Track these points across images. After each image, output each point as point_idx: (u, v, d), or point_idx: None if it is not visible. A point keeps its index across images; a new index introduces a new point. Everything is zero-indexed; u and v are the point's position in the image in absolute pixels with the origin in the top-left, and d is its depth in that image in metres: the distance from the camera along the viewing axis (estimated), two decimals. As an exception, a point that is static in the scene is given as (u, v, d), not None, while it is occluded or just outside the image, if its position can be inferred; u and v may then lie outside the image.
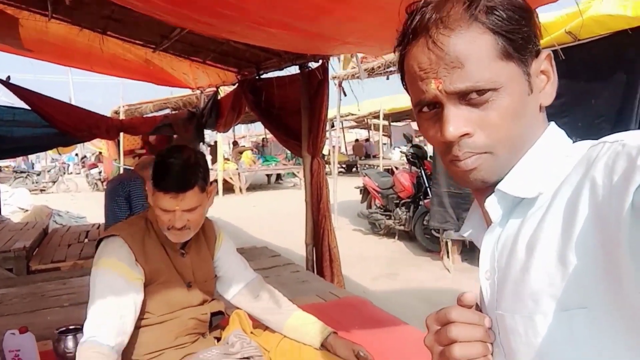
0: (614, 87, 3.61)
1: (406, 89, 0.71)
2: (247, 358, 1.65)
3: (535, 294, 0.60)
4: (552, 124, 0.70)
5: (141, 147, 10.66)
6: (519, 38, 0.64)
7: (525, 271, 0.62)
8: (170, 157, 1.57)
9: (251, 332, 1.84)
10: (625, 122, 3.50)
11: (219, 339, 1.85)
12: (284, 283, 3.29)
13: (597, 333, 0.56)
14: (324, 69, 3.81)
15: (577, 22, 3.56)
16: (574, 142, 0.69)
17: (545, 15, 3.66)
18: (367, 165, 14.57)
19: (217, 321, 1.88)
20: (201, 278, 1.77)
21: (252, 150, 17.35)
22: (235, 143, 18.15)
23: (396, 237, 7.15)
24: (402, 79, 0.72)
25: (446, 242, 5.65)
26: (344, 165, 18.33)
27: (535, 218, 0.64)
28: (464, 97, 0.63)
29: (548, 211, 0.62)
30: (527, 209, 0.66)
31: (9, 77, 5.53)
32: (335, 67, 6.21)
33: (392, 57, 5.88)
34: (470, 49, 0.63)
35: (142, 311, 1.62)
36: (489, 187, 0.69)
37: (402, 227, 6.81)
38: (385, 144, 18.76)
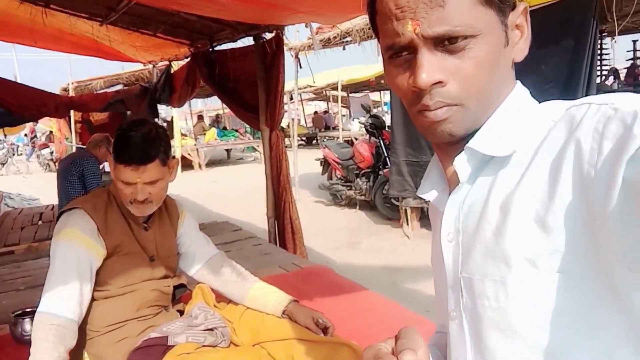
0: (562, 53, 3.72)
1: (375, 31, 0.66)
2: (210, 329, 1.66)
3: (510, 258, 0.58)
4: (518, 82, 0.67)
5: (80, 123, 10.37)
6: None
7: (498, 234, 0.60)
8: (131, 130, 1.57)
9: (214, 306, 1.85)
10: (574, 86, 3.62)
11: (182, 313, 1.85)
12: (246, 256, 3.30)
13: (572, 301, 0.55)
14: (278, 39, 3.76)
15: (526, -11, 3.62)
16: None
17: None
18: (326, 137, 14.56)
19: (180, 294, 1.88)
20: (164, 253, 1.77)
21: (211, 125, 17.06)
22: (200, 117, 17.76)
23: (357, 207, 7.24)
24: (372, 20, 0.66)
25: (405, 210, 5.77)
26: (303, 138, 18.29)
27: (510, 178, 0.61)
28: (440, 42, 0.59)
29: (526, 173, 0.59)
30: (498, 168, 0.63)
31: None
32: (292, 37, 6.16)
33: (347, 26, 5.85)
34: None
35: (103, 282, 1.62)
36: (453, 145, 0.66)
37: (362, 197, 6.90)
38: (344, 115, 18.79)
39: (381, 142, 6.60)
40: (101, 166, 4.73)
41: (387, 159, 6.28)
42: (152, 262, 1.72)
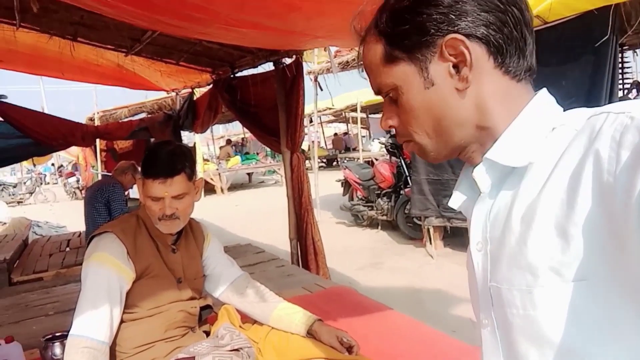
0: (583, 68, 3.70)
1: None
2: (236, 350, 1.68)
3: (534, 267, 0.59)
4: (543, 91, 0.69)
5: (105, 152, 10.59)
6: (401, 37, 0.67)
7: (522, 243, 0.61)
8: (158, 147, 1.67)
9: (240, 326, 1.87)
10: (595, 101, 3.59)
11: (208, 334, 1.87)
12: (270, 278, 3.32)
13: (597, 305, 0.55)
14: (297, 64, 3.84)
15: (544, 5, 3.63)
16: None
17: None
18: (347, 159, 14.62)
19: (206, 315, 1.91)
20: (191, 275, 1.81)
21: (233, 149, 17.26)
22: (228, 141, 18.01)
23: (379, 227, 7.22)
24: None
25: (428, 229, 5.73)
26: (324, 160, 18.37)
27: (532, 189, 0.62)
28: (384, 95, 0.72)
29: (547, 182, 0.60)
30: (520, 178, 0.65)
31: (-17, 91, 5.44)
32: (310, 61, 6.24)
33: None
34: (369, 58, 0.71)
35: (132, 305, 1.65)
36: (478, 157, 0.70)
37: (384, 217, 6.88)
38: (364, 136, 18.84)
39: (402, 161, 6.60)
40: (126, 193, 4.83)
41: (408, 178, 6.27)
42: (180, 284, 1.75)
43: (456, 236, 5.98)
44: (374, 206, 7.10)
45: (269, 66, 4.31)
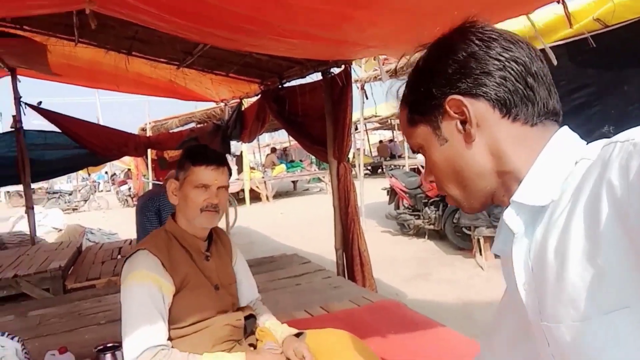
0: (647, 73, 3.52)
1: None
2: None
3: (575, 301, 0.60)
4: (562, 129, 0.72)
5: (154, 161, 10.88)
6: (418, 102, 0.77)
7: (560, 280, 0.62)
8: (202, 145, 1.76)
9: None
10: (659, 108, 3.40)
11: (254, 346, 1.87)
12: (316, 290, 3.30)
13: None
14: (346, 74, 3.83)
15: (605, 8, 3.48)
16: (608, 130, 0.71)
17: (572, 4, 3.60)
18: (392, 166, 14.48)
19: (251, 326, 1.90)
20: (226, 281, 1.82)
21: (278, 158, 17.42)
22: (273, 149, 18.23)
23: (426, 236, 7.09)
24: None
25: (478, 239, 5.59)
26: (369, 167, 18.27)
27: (560, 224, 0.64)
28: None
29: (571, 216, 0.62)
30: (550, 215, 0.67)
31: (40, 102, 5.71)
32: (357, 69, 6.22)
33: (415, 56, 5.85)
34: (400, 122, 0.83)
35: (176, 319, 1.66)
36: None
37: (431, 227, 6.76)
38: (409, 144, 18.60)
39: (450, 170, 6.46)
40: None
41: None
42: (218, 291, 1.76)
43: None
44: (420, 215, 6.99)
45: (316, 76, 4.32)
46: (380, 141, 21.32)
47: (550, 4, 2.10)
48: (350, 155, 4.38)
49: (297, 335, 1.82)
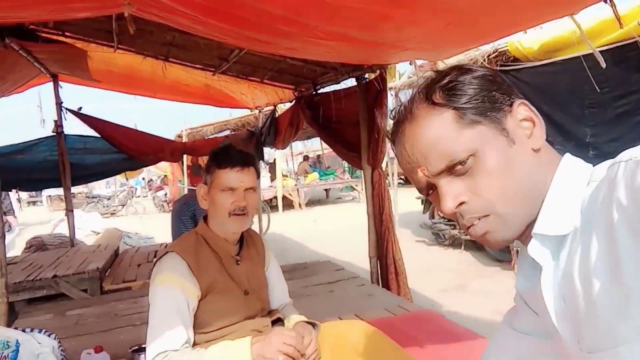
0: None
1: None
2: None
3: (610, 326, 0.59)
4: (567, 155, 0.71)
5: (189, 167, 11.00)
6: (480, 103, 0.69)
7: (591, 306, 0.61)
8: (227, 146, 1.74)
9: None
10: None
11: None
12: (350, 297, 3.24)
13: None
14: (382, 78, 3.77)
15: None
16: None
17: (618, 8, 3.47)
18: (426, 176, 14.30)
19: None
20: (256, 286, 1.78)
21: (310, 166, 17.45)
22: (306, 157, 18.28)
23: (462, 247, 6.94)
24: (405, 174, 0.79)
25: (517, 251, 5.41)
26: (402, 177, 18.07)
27: (580, 250, 0.63)
28: (450, 171, 0.69)
29: (590, 240, 0.61)
30: (571, 242, 0.65)
31: (80, 108, 5.87)
32: (392, 77, 6.16)
33: (450, 61, 5.76)
34: (436, 131, 0.69)
35: (203, 324, 1.63)
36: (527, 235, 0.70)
37: (468, 237, 6.58)
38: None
39: (487, 179, 6.32)
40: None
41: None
42: (247, 297, 1.72)
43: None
44: (456, 225, 6.83)
45: (351, 82, 4.29)
46: (414, 150, 21.11)
47: (596, 3, 2.00)
48: (384, 165, 4.31)
49: (312, 325, 1.76)
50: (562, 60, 3.96)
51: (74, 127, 6.27)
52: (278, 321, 1.85)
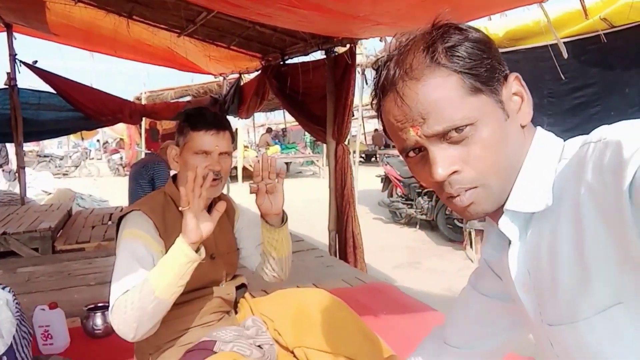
0: (649, 76, 3.50)
1: (389, 138, 0.74)
2: (258, 346, 1.62)
3: (571, 302, 0.61)
4: (538, 129, 0.71)
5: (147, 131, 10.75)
6: (483, 71, 0.67)
7: (555, 282, 0.63)
8: (201, 108, 1.66)
9: (261, 314, 1.80)
10: (661, 111, 3.39)
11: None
12: (309, 268, 3.28)
13: (638, 323, 0.57)
14: (351, 53, 3.76)
15: (613, 8, 3.45)
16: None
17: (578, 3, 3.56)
18: (387, 155, 14.48)
19: (242, 295, 1.85)
20: (224, 249, 1.75)
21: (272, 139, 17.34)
22: (269, 130, 18.08)
23: (417, 226, 7.09)
24: (384, 129, 0.75)
25: (469, 232, 5.59)
26: (363, 155, 18.22)
27: (549, 228, 0.64)
28: (444, 136, 0.66)
29: (558, 219, 0.62)
30: (541, 220, 0.67)
31: (35, 62, 5.60)
32: (360, 53, 6.15)
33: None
34: (439, 93, 0.66)
35: None
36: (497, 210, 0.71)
37: (423, 217, 6.75)
38: (405, 133, 18.58)
39: (446, 161, 6.45)
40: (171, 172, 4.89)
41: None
42: (213, 261, 1.68)
43: (498, 241, 5.80)
44: (413, 204, 6.98)
45: (319, 54, 4.26)
46: (376, 129, 21.25)
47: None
48: (346, 142, 4.33)
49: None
50: (525, 49, 4.06)
51: (27, 81, 5.99)
52: (242, 287, 1.85)
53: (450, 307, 1.03)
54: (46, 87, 5.68)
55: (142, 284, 1.37)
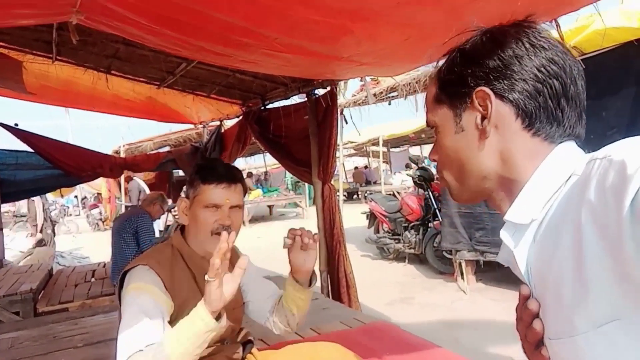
0: (624, 98, 3.62)
1: None
2: None
3: (570, 317, 0.61)
4: (561, 145, 0.71)
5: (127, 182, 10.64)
6: (449, 85, 0.76)
7: (556, 296, 0.64)
8: (213, 160, 1.64)
9: None
10: (638, 131, 3.49)
11: None
12: (305, 312, 3.21)
13: (635, 341, 0.57)
14: (332, 94, 3.81)
15: (581, 37, 3.59)
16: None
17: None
18: (368, 192, 14.55)
19: (248, 351, 1.80)
20: (230, 305, 1.69)
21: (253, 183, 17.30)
22: (249, 174, 18.04)
23: (406, 260, 7.07)
24: None
25: (460, 263, 5.58)
26: (345, 193, 18.29)
27: (552, 242, 0.65)
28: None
29: (560, 234, 0.63)
30: (545, 234, 0.68)
31: (16, 124, 5.54)
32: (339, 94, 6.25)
33: (392, 82, 5.92)
34: (427, 94, 0.82)
35: None
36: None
37: (412, 250, 6.74)
38: (384, 170, 18.79)
39: (430, 194, 6.50)
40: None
41: (437, 211, 6.16)
42: (219, 319, 1.64)
43: (489, 271, 5.80)
44: (400, 239, 6.98)
45: (299, 99, 4.31)
46: (356, 167, 21.43)
47: (544, 23, 2.12)
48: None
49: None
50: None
51: (4, 141, 5.92)
52: (248, 343, 1.79)
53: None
54: (23, 146, 5.61)
55: (156, 348, 1.30)
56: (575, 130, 0.72)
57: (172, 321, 1.50)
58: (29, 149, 5.59)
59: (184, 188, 1.63)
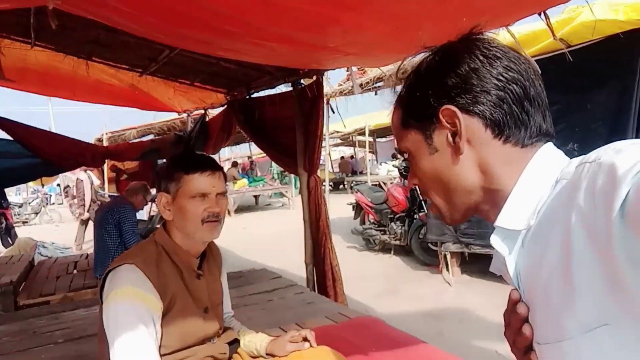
0: (609, 91, 3.62)
1: None
2: None
3: (558, 322, 0.61)
4: (544, 147, 0.72)
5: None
6: (412, 107, 0.76)
7: (544, 299, 0.64)
8: (190, 152, 1.63)
9: None
10: (623, 124, 3.50)
11: None
12: (290, 306, 3.18)
13: (623, 347, 0.57)
14: (318, 84, 3.76)
15: (568, 28, 3.56)
16: (572, 148, 0.69)
17: (535, 25, 3.68)
18: (355, 182, 14.55)
19: (234, 351, 1.77)
20: (215, 301, 1.68)
21: (238, 172, 17.19)
22: (234, 164, 17.92)
23: (392, 252, 7.07)
24: None
25: (445, 255, 5.59)
26: (331, 183, 18.28)
27: (541, 247, 0.65)
28: None
29: (549, 239, 0.63)
30: (532, 239, 0.68)
31: (-7, 111, 5.40)
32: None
33: (378, 72, 5.87)
34: (393, 121, 0.81)
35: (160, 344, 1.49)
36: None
37: (397, 242, 6.74)
38: (370, 160, 18.80)
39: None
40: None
41: (423, 202, 6.15)
42: (206, 315, 1.59)
43: (474, 263, 5.82)
44: (386, 230, 6.97)
45: (285, 87, 4.24)
46: (342, 157, 21.42)
47: (531, 15, 2.10)
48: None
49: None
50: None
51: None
52: (234, 342, 1.75)
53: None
54: (2, 134, 5.47)
55: None
56: (543, 128, 0.72)
57: (162, 319, 1.47)
58: (8, 137, 5.45)
59: (162, 183, 1.58)
